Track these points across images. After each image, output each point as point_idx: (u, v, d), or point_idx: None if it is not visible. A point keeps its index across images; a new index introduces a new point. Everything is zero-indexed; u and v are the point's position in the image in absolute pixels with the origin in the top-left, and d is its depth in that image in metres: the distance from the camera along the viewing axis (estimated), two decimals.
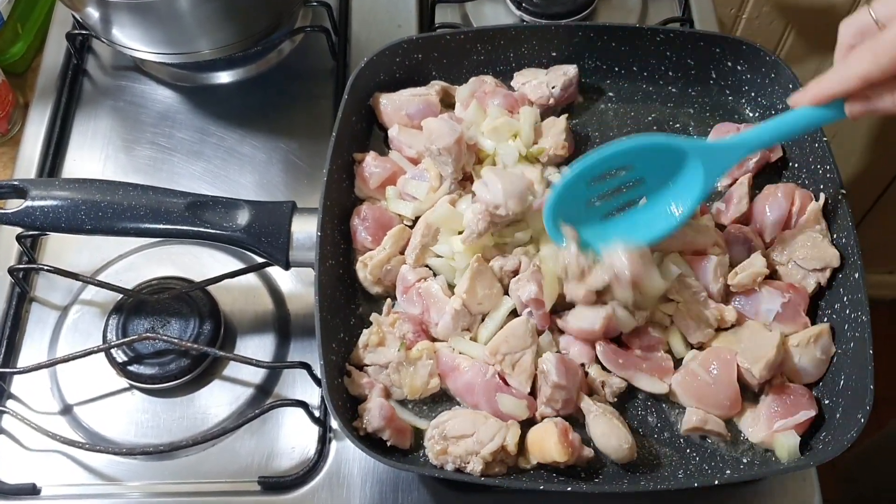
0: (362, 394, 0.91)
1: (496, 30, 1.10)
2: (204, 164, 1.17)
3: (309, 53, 1.27)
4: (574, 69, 1.08)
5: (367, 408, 0.88)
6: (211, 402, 0.99)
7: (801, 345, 0.91)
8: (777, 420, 0.88)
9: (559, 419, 0.88)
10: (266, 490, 0.94)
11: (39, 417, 0.98)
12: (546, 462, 0.86)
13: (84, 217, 0.90)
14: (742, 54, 1.07)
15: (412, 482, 0.95)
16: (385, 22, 1.27)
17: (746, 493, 0.94)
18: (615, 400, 0.92)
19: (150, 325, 1.00)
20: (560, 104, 1.09)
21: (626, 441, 0.86)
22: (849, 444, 0.83)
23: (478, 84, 1.08)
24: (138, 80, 1.25)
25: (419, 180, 1.01)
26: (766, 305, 0.94)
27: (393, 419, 0.87)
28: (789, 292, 0.94)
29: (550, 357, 0.89)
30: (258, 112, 1.21)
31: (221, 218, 0.93)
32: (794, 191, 0.99)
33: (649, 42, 1.09)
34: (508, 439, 0.85)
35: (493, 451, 0.85)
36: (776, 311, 0.93)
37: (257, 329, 1.04)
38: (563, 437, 0.85)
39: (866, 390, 0.85)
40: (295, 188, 1.15)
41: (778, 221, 0.98)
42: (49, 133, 1.19)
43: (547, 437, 0.86)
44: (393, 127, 1.05)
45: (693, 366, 0.91)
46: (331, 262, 0.95)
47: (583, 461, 0.87)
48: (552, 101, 1.08)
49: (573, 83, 1.09)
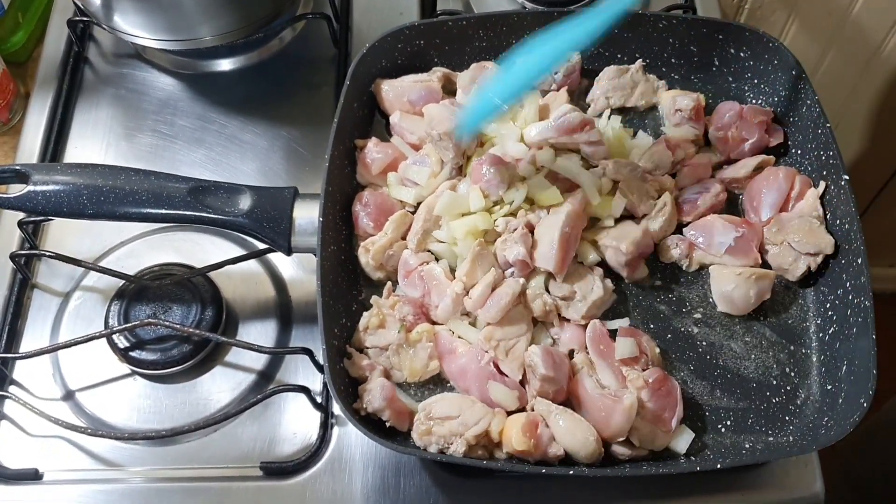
0: (362, 376, 0.91)
1: (498, 16, 1.09)
2: (205, 152, 1.17)
3: (310, 40, 1.26)
4: (577, 55, 1.08)
5: (368, 388, 0.88)
6: (213, 387, 0.99)
7: (743, 276, 0.93)
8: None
9: (533, 413, 0.88)
10: (268, 475, 0.94)
11: (41, 403, 0.98)
12: (512, 453, 0.86)
13: (86, 202, 0.90)
14: (745, 41, 1.07)
15: (414, 467, 0.95)
16: (386, 9, 1.27)
17: (748, 478, 0.94)
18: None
19: (152, 311, 1.00)
20: (562, 89, 1.09)
21: (592, 434, 0.85)
22: (851, 427, 0.83)
23: (479, 70, 1.08)
24: (139, 68, 1.25)
25: (420, 166, 1.01)
26: (720, 238, 0.96)
27: (394, 400, 0.87)
28: (743, 227, 0.96)
29: (536, 350, 0.88)
30: (259, 99, 1.21)
31: (224, 203, 0.93)
32: (795, 175, 1.00)
33: (652, 28, 1.09)
34: (493, 425, 0.85)
35: (477, 434, 0.84)
36: (728, 244, 0.96)
37: (259, 315, 1.04)
38: (526, 429, 0.84)
39: (869, 374, 0.85)
40: (296, 175, 1.15)
41: (775, 203, 0.99)
42: (50, 121, 1.19)
43: (512, 426, 0.86)
44: (394, 113, 1.05)
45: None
46: (332, 248, 0.95)
47: (551, 459, 0.86)
48: (554, 87, 1.08)
49: (576, 69, 1.09)
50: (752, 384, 0.94)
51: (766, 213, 1.00)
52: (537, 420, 0.86)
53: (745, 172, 1.02)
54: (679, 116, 1.05)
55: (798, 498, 0.94)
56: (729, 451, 0.89)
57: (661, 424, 0.87)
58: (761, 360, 0.95)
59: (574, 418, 0.86)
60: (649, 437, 0.87)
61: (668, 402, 0.88)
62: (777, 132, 1.05)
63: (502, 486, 0.94)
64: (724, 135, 1.05)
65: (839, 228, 0.96)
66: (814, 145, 1.01)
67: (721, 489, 0.94)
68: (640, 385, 0.87)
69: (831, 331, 0.94)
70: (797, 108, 1.03)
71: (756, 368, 0.95)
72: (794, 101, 1.04)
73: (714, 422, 0.92)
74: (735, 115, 1.04)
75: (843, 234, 0.95)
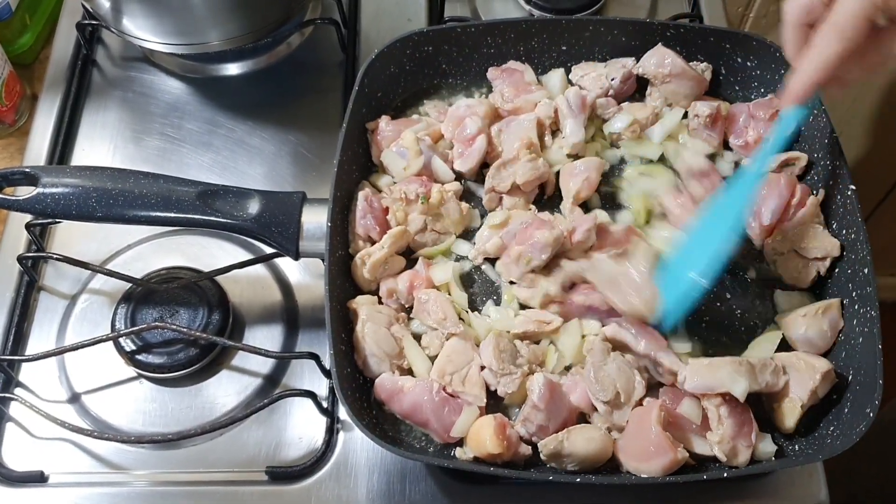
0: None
1: (506, 23, 1.10)
2: (213, 156, 1.17)
3: (318, 46, 1.27)
4: (632, 61, 1.08)
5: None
6: (219, 391, 0.99)
7: (809, 316, 0.92)
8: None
9: (499, 415, 0.88)
10: (274, 480, 0.94)
11: (47, 405, 0.98)
12: (482, 455, 0.86)
13: (95, 204, 0.90)
14: (752, 50, 1.07)
15: (419, 473, 0.95)
16: (395, 15, 1.28)
17: (754, 487, 0.94)
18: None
19: (159, 315, 1.00)
20: (620, 97, 1.09)
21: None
22: (857, 437, 0.83)
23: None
24: (147, 71, 1.25)
25: (399, 157, 1.02)
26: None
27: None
28: None
29: (539, 378, 0.88)
30: (267, 104, 1.21)
31: (232, 207, 0.93)
32: (796, 184, 1.01)
33: (659, 37, 1.09)
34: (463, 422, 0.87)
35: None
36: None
37: (265, 319, 1.04)
38: (499, 430, 0.85)
39: (875, 385, 0.85)
40: (304, 180, 1.15)
41: (777, 208, 0.99)
42: (58, 123, 1.19)
43: (482, 430, 0.86)
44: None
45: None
46: (340, 253, 0.95)
47: (519, 458, 0.87)
48: (612, 93, 1.08)
49: (632, 75, 1.08)
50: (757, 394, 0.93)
51: (766, 219, 0.99)
52: (505, 422, 0.87)
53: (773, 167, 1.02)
54: (696, 122, 1.05)
55: None
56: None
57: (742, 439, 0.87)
58: None
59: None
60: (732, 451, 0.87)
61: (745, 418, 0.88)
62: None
63: (507, 492, 0.94)
64: (744, 141, 1.05)
65: (845, 238, 0.96)
66: (820, 155, 1.02)
67: (727, 498, 0.94)
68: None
69: (837, 341, 0.94)
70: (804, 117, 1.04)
71: None
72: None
73: None
74: (747, 116, 1.05)
75: (849, 244, 0.95)
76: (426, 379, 0.90)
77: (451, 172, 1.03)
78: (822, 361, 0.90)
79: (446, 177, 1.03)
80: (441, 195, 0.98)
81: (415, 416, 0.89)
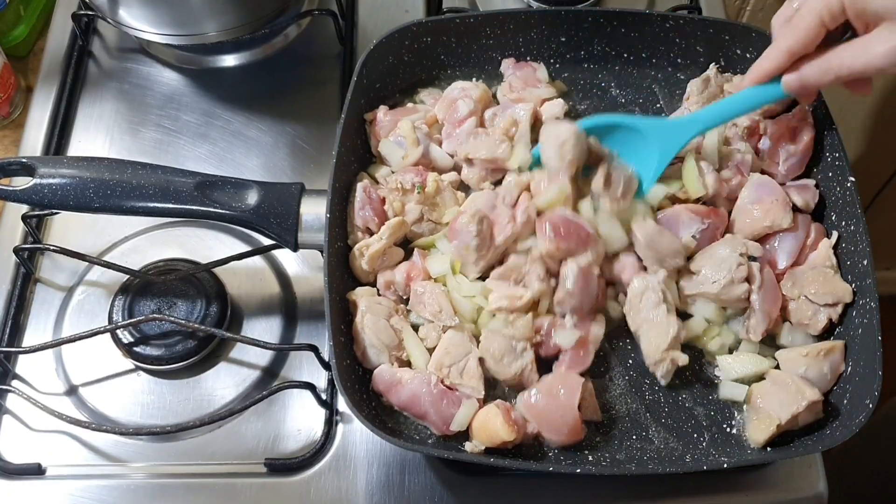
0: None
1: (505, 14, 1.09)
2: (210, 147, 1.16)
3: (315, 38, 1.26)
4: None
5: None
6: (217, 383, 0.99)
7: (811, 356, 0.90)
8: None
9: (499, 401, 0.88)
10: (272, 472, 0.94)
11: (44, 398, 0.97)
12: (494, 445, 0.86)
13: (93, 195, 0.90)
14: (751, 41, 1.07)
15: (419, 464, 0.95)
16: (392, 6, 1.27)
17: (753, 478, 0.94)
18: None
19: (157, 307, 1.00)
20: None
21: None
22: (857, 428, 0.83)
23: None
24: (144, 63, 1.24)
25: (397, 146, 1.02)
26: (685, 231, 0.95)
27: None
28: (709, 218, 0.96)
29: (573, 266, 0.90)
30: (264, 96, 1.21)
31: (230, 198, 0.92)
32: (811, 223, 0.98)
33: (658, 28, 1.09)
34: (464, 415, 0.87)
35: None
36: (693, 234, 0.95)
37: (264, 312, 1.04)
38: (507, 417, 0.85)
39: (874, 376, 0.85)
40: (301, 171, 1.14)
41: (793, 251, 0.96)
42: (54, 115, 1.18)
43: (491, 419, 0.86)
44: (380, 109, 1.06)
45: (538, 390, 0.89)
46: (339, 245, 0.95)
47: (529, 438, 0.87)
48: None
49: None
50: None
51: (783, 261, 0.96)
52: (509, 406, 0.87)
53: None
54: (733, 131, 1.03)
55: (801, 498, 0.95)
56: (733, 452, 0.89)
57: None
58: None
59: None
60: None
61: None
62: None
63: (507, 483, 0.94)
64: (774, 147, 1.02)
65: (845, 230, 0.96)
66: (819, 147, 1.01)
67: (726, 489, 0.94)
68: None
69: (836, 332, 0.94)
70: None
71: None
72: (801, 103, 1.04)
73: (719, 422, 0.92)
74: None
75: (848, 236, 0.95)
76: (424, 371, 0.90)
77: (449, 158, 1.03)
78: (814, 391, 0.87)
79: (445, 163, 1.03)
80: (437, 184, 0.98)
81: (413, 408, 0.89)
